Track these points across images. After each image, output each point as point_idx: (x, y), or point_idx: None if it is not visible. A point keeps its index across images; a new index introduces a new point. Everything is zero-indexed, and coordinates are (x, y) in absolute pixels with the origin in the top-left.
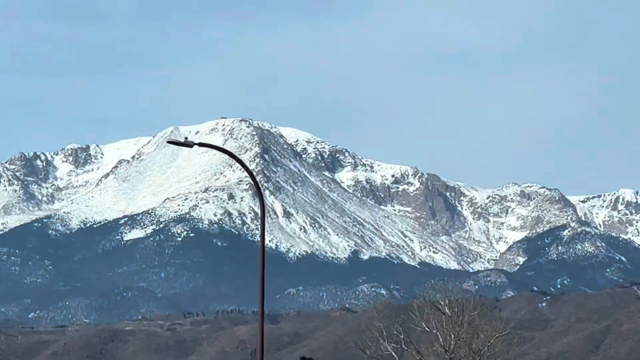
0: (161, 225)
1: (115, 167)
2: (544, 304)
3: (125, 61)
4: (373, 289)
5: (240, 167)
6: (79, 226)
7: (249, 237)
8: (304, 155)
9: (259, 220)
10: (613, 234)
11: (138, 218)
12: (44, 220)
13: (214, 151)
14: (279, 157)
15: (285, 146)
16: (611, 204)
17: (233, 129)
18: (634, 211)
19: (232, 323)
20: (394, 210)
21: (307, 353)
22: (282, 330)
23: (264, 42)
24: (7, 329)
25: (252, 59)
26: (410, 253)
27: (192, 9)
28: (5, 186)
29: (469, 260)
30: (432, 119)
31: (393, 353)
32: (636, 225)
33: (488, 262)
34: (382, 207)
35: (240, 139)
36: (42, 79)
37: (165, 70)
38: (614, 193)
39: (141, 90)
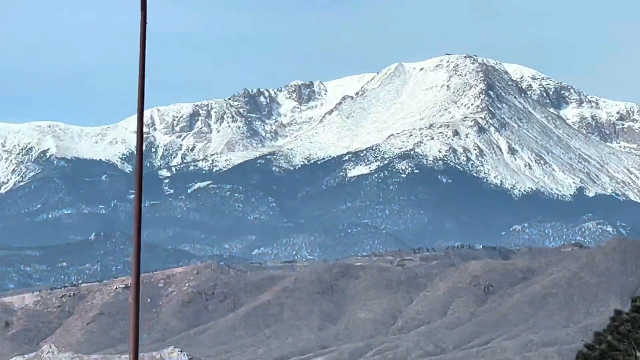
0: (385, 162)
1: (339, 103)
2: None
3: None
4: (599, 226)
5: (465, 103)
6: (302, 162)
7: (474, 174)
8: (528, 92)
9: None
10: None
11: (362, 154)
12: (268, 157)
13: (439, 87)
14: (503, 94)
15: (510, 83)
16: None
17: (457, 65)
18: None
19: (463, 259)
20: (620, 147)
21: (541, 289)
22: (515, 266)
23: None
24: (234, 265)
25: None
26: (636, 190)
27: None
28: (228, 123)
29: None
30: None
31: None
32: None
33: None
34: (607, 143)
35: (465, 75)
36: (265, 15)
37: (390, 6)
38: None
39: (366, 26)
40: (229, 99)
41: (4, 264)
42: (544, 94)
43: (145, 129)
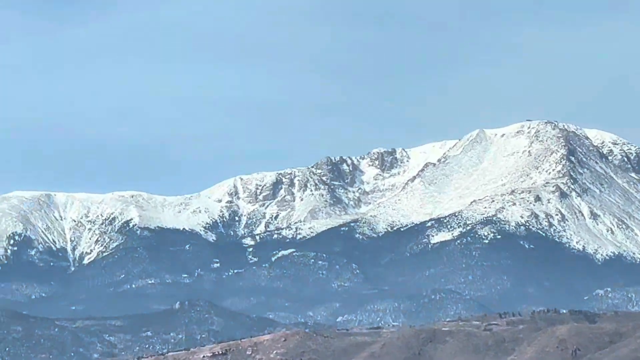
0: (468, 228)
1: (422, 170)
2: None
3: (429, 64)
4: None
5: (546, 169)
6: (385, 229)
7: (556, 239)
8: (609, 157)
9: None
10: None
11: (445, 221)
12: (351, 224)
13: (520, 153)
14: (585, 159)
15: (591, 148)
16: None
17: (538, 131)
18: None
19: (549, 323)
20: None
21: (629, 352)
22: (602, 330)
23: (567, 43)
24: (322, 331)
25: (556, 60)
26: None
27: (496, 9)
28: (312, 191)
29: None
30: None
31: None
32: None
33: None
34: None
35: (546, 141)
36: (347, 83)
37: (470, 72)
38: None
39: (447, 93)
40: (312, 167)
41: (88, 334)
42: (625, 159)
43: (228, 198)
